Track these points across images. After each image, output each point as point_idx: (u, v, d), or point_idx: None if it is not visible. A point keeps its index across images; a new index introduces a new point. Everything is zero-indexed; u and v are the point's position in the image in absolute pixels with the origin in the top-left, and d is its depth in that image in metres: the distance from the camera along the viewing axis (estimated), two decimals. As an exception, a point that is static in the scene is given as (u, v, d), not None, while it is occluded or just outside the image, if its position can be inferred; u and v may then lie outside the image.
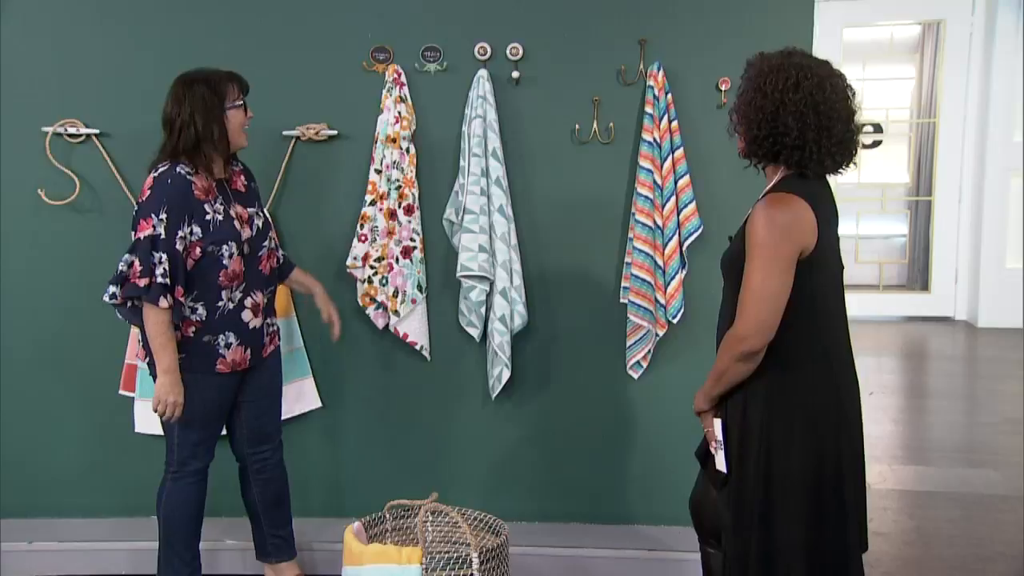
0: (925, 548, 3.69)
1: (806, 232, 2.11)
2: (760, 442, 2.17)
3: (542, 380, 3.52)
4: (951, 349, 7.76)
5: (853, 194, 8.80)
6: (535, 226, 3.45)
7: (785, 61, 2.16)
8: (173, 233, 2.68)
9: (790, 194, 2.13)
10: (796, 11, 3.30)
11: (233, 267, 2.80)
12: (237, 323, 2.86)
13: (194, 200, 2.73)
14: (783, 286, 2.09)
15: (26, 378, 3.55)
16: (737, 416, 2.23)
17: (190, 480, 2.94)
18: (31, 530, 3.47)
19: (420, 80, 3.41)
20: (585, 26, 3.36)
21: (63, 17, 3.43)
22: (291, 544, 3.24)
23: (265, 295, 2.96)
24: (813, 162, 2.15)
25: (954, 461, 4.79)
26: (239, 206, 2.86)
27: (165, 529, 2.95)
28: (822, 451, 2.17)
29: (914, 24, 8.64)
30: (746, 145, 2.23)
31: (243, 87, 2.88)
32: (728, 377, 2.19)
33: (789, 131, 2.12)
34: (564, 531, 3.49)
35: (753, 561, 2.19)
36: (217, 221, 2.77)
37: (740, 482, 2.22)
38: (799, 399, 2.17)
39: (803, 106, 2.11)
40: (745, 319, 2.10)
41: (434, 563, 2.59)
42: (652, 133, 3.29)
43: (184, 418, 2.83)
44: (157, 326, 2.70)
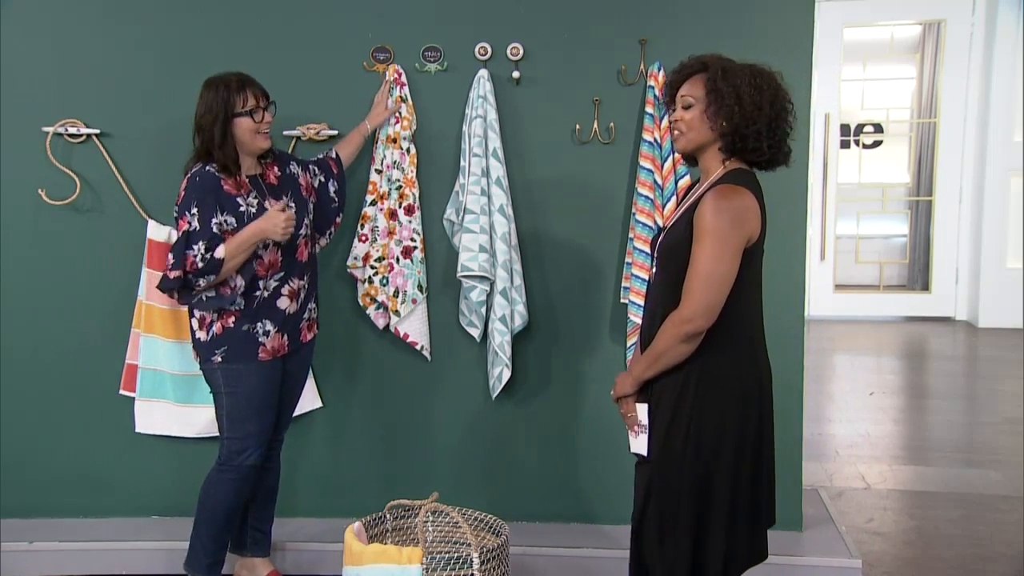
0: (925, 548, 3.69)
1: (753, 223, 2.22)
2: (689, 426, 2.26)
3: (543, 380, 3.52)
4: (951, 349, 7.77)
5: (853, 194, 8.82)
6: (535, 226, 3.45)
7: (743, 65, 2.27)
8: (207, 221, 2.77)
9: (739, 186, 2.22)
10: (796, 11, 3.30)
11: (269, 257, 2.88)
12: (273, 310, 2.92)
13: (224, 194, 2.82)
14: (731, 271, 2.19)
15: (26, 378, 3.55)
16: (669, 400, 2.29)
17: (232, 476, 2.97)
18: (31, 530, 3.47)
19: (421, 80, 3.41)
20: (585, 26, 3.37)
21: (63, 17, 3.43)
22: (268, 542, 3.26)
23: (303, 281, 3.01)
24: (765, 155, 2.27)
25: (954, 461, 4.79)
26: (272, 199, 2.91)
27: (199, 515, 3.02)
28: (746, 431, 2.29)
29: (915, 24, 8.65)
30: (737, 139, 2.26)
31: (257, 93, 2.89)
32: (666, 359, 2.26)
33: (779, 125, 2.26)
34: (564, 531, 3.49)
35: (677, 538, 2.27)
36: (251, 214, 2.84)
37: (666, 463, 2.29)
38: (729, 384, 2.28)
39: (774, 102, 2.24)
40: (693, 301, 2.19)
41: (434, 563, 2.59)
42: (653, 133, 3.29)
43: (230, 410, 2.91)
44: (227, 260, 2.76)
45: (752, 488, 2.31)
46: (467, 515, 2.91)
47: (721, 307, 2.20)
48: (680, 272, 2.23)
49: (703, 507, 2.27)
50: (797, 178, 3.29)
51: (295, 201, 2.97)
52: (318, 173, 3.16)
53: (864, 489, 4.36)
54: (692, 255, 2.20)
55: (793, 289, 3.37)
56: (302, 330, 3.05)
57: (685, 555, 2.27)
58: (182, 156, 3.19)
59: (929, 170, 8.62)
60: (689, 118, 2.30)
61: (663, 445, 2.30)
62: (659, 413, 2.31)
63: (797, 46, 3.28)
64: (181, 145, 3.25)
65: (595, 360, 3.50)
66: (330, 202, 3.18)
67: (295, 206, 2.94)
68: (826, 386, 6.42)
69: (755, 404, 2.30)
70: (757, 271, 2.30)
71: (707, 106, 2.26)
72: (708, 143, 2.30)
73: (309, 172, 3.12)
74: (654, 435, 2.32)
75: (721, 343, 2.24)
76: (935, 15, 8.27)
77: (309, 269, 3.06)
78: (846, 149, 8.77)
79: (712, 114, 2.26)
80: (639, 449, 2.37)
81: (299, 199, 3.00)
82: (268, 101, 2.91)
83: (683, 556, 2.27)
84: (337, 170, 3.21)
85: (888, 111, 8.91)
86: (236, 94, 2.84)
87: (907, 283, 9.15)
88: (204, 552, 3.02)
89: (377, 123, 3.34)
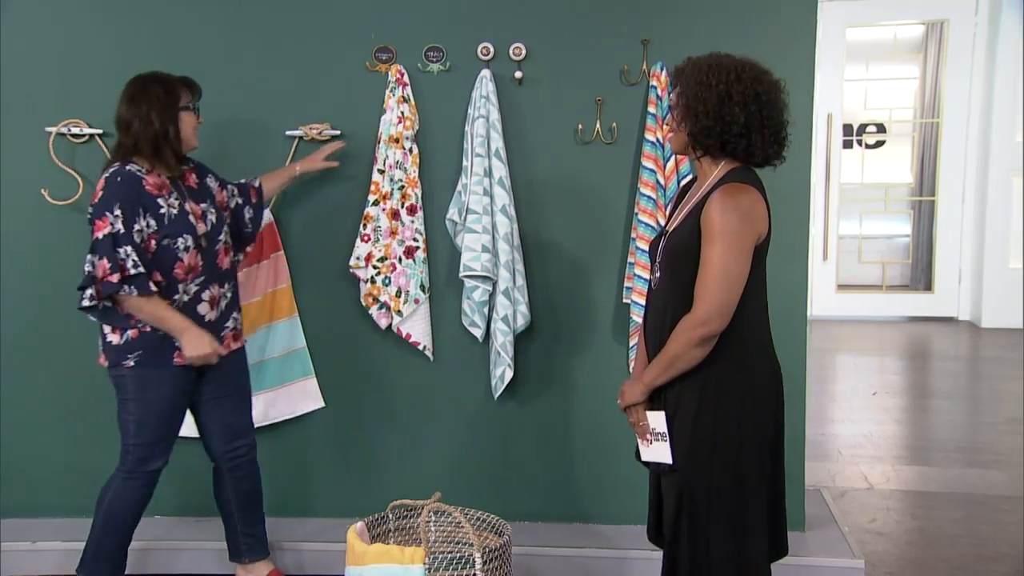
0: (928, 548, 3.69)
1: (761, 220, 2.21)
2: (715, 429, 2.24)
3: (545, 380, 3.52)
4: (954, 349, 7.76)
5: (856, 194, 8.81)
6: (538, 226, 3.45)
7: (723, 59, 2.25)
8: (130, 227, 2.74)
9: (745, 184, 2.21)
10: (799, 11, 3.30)
11: (189, 260, 2.84)
12: (193, 316, 2.88)
13: (146, 194, 2.78)
14: (743, 270, 2.17)
15: (29, 377, 3.56)
16: (689, 405, 2.25)
17: (140, 483, 2.94)
18: (34, 530, 3.48)
19: (423, 80, 3.41)
20: (588, 26, 3.36)
21: (66, 17, 3.44)
22: (264, 543, 3.24)
23: (223, 289, 2.99)
24: (758, 150, 2.23)
25: (957, 461, 4.78)
26: (192, 202, 2.90)
27: (103, 527, 2.95)
28: (765, 430, 2.28)
29: (917, 24, 8.64)
30: (691, 138, 2.27)
31: (195, 92, 2.92)
32: (680, 364, 2.23)
33: (736, 119, 2.19)
34: (567, 531, 3.48)
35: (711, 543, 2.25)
36: (172, 215, 2.81)
37: (693, 471, 2.27)
38: (748, 385, 2.26)
39: (746, 96, 2.19)
40: (707, 302, 2.16)
41: (437, 563, 2.59)
42: (655, 133, 3.29)
43: (139, 416, 2.86)
44: (153, 308, 2.77)
45: (775, 485, 2.33)
46: (469, 515, 2.91)
47: (734, 308, 2.17)
48: (688, 275, 2.20)
49: (738, 509, 2.25)
50: (799, 178, 3.29)
51: (214, 209, 2.96)
52: (236, 195, 3.14)
53: (867, 489, 4.36)
54: (703, 256, 2.17)
55: (796, 289, 3.36)
56: (224, 338, 3.00)
57: (727, 558, 2.24)
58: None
59: (932, 170, 8.61)
60: (670, 120, 2.34)
61: (689, 453, 2.26)
62: (678, 420, 2.27)
63: (799, 46, 3.28)
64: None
65: (597, 360, 3.49)
66: (243, 227, 3.17)
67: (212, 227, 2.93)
68: (829, 386, 6.42)
69: (771, 404, 2.30)
70: (763, 270, 2.28)
71: (674, 108, 2.30)
72: (683, 145, 2.32)
73: (227, 191, 3.11)
74: (677, 443, 2.28)
75: (734, 345, 2.22)
76: (938, 15, 8.26)
77: (230, 279, 3.03)
78: (848, 149, 8.76)
79: (677, 115, 2.29)
80: (656, 457, 2.33)
81: (218, 210, 2.99)
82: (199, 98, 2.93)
83: (725, 559, 2.24)
84: (256, 199, 3.20)
85: (891, 111, 8.89)
86: (180, 89, 2.86)
87: (910, 283, 9.14)
88: (107, 559, 2.96)
89: (307, 169, 3.31)
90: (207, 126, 3.40)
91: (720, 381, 2.23)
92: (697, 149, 2.28)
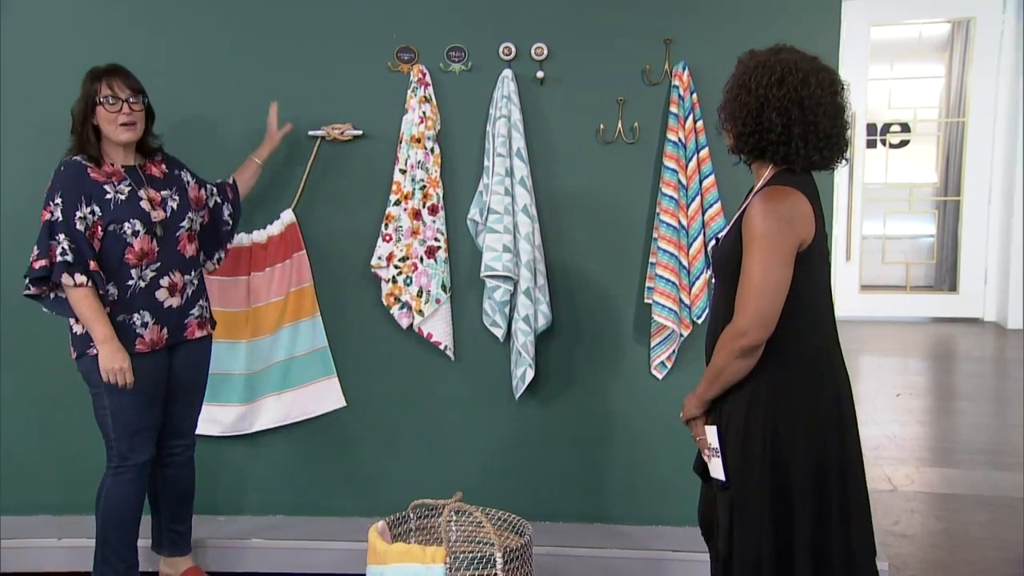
0: (952, 551, 3.66)
1: (805, 225, 2.11)
2: (764, 445, 2.14)
3: (566, 380, 3.52)
4: (979, 350, 7.69)
5: (880, 194, 8.75)
6: (559, 226, 3.45)
7: (772, 57, 2.15)
8: (71, 214, 2.77)
9: (787, 187, 2.13)
10: (822, 10, 3.28)
11: (140, 246, 2.86)
12: (151, 301, 2.90)
13: (90, 182, 2.82)
14: (784, 278, 2.08)
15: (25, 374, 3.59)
16: (738, 420, 2.18)
17: (130, 476, 2.95)
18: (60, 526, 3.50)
19: (445, 80, 3.41)
20: (610, 26, 3.36)
21: (88, 19, 3.47)
22: (187, 540, 3.25)
23: (187, 276, 3.00)
24: (800, 157, 2.15)
25: (982, 464, 4.74)
26: (152, 190, 2.93)
27: (103, 526, 2.97)
28: (825, 452, 2.16)
29: (943, 22, 8.57)
30: (733, 142, 2.22)
31: (117, 85, 2.87)
32: (726, 376, 2.16)
33: (773, 127, 2.11)
34: (588, 532, 3.48)
35: (762, 565, 2.16)
36: (119, 200, 2.84)
37: (743, 487, 2.19)
38: (801, 399, 2.15)
39: (787, 101, 2.10)
40: (746, 312, 2.08)
41: (458, 563, 2.59)
42: (677, 133, 3.28)
43: (114, 409, 2.88)
44: (80, 302, 2.78)
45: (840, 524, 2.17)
46: (490, 515, 2.91)
47: (776, 317, 2.08)
48: (734, 282, 2.13)
49: (785, 538, 2.15)
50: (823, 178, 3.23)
51: (178, 197, 2.98)
52: (215, 194, 3.18)
53: (890, 491, 4.33)
54: (743, 264, 2.09)
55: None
56: (188, 325, 3.01)
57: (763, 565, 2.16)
58: (195, 156, 3.23)
59: (957, 170, 8.54)
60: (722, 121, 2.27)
61: (739, 467, 2.18)
62: (730, 435, 2.20)
63: (823, 45, 3.24)
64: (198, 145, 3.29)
65: (619, 360, 3.49)
66: (223, 224, 3.21)
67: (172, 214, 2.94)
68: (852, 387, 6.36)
69: (833, 430, 2.16)
70: (818, 275, 2.18)
71: (721, 109, 2.25)
72: (732, 148, 2.26)
73: (206, 190, 3.14)
74: (728, 457, 2.20)
75: (785, 356, 2.14)
76: (964, 13, 8.18)
77: (195, 267, 3.05)
78: (872, 149, 8.70)
79: (723, 116, 2.24)
80: (715, 474, 2.24)
81: (183, 199, 3.00)
82: (133, 93, 2.88)
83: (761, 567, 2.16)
84: (233, 195, 3.24)
85: (916, 110, 8.82)
86: (96, 82, 2.87)
87: (934, 284, 9.07)
88: (119, 559, 2.98)
89: (264, 156, 3.32)
90: (231, 126, 3.46)
91: (769, 394, 2.14)
92: (741, 153, 2.23)
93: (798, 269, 2.10)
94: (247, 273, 3.47)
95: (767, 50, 2.19)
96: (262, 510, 3.61)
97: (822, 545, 2.16)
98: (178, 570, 3.23)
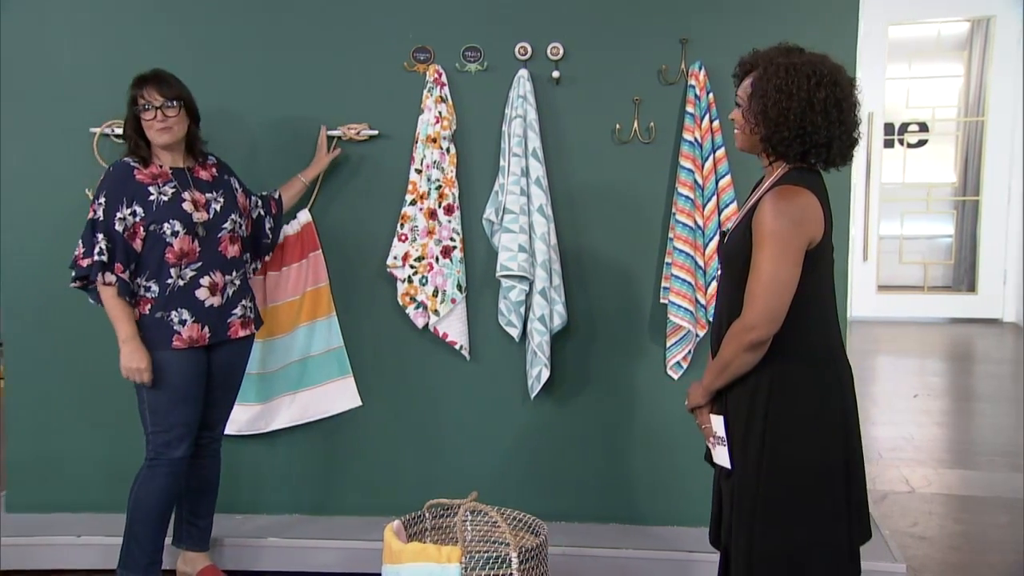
0: (972, 553, 3.64)
1: (815, 224, 2.14)
2: (764, 437, 2.19)
3: (581, 380, 3.52)
4: (998, 351, 7.64)
5: (897, 194, 8.71)
6: (575, 226, 3.45)
7: (798, 61, 2.16)
8: (111, 215, 2.88)
9: (799, 186, 2.15)
10: (840, 9, 3.28)
11: (180, 246, 2.93)
12: (191, 300, 2.96)
13: (135, 183, 2.92)
14: (793, 276, 2.12)
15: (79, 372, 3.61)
16: (742, 410, 2.23)
17: (164, 471, 2.99)
18: (80, 524, 3.53)
19: (461, 80, 3.42)
20: (626, 26, 3.36)
21: (111, 19, 3.49)
22: (206, 536, 3.28)
23: (229, 277, 3.05)
24: (838, 157, 2.19)
25: (1001, 465, 4.71)
26: (197, 192, 3.00)
27: (132, 517, 3.02)
28: (826, 447, 2.20)
29: (962, 21, 8.52)
30: (766, 144, 2.21)
31: (151, 93, 2.93)
32: (732, 369, 2.20)
33: (818, 129, 2.13)
34: (603, 532, 3.48)
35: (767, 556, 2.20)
36: (161, 201, 2.92)
37: (744, 476, 2.23)
38: (804, 394, 2.19)
39: (828, 103, 2.13)
40: (754, 307, 2.12)
41: (473, 562, 2.59)
42: (693, 133, 3.28)
43: (151, 403, 2.95)
44: (107, 301, 2.90)
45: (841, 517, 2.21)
46: (506, 514, 2.91)
47: (784, 314, 2.12)
48: (741, 277, 2.17)
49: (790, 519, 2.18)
50: (840, 178, 3.23)
51: (223, 200, 3.04)
52: (259, 206, 3.25)
53: (908, 493, 4.31)
54: (753, 260, 2.13)
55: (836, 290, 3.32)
56: (231, 325, 3.07)
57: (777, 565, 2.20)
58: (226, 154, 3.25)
59: (976, 169, 8.49)
60: (739, 119, 2.27)
61: (742, 457, 2.23)
62: (734, 424, 2.25)
63: (840, 44, 3.23)
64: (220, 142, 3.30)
65: (634, 360, 3.49)
66: (263, 237, 3.28)
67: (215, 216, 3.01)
68: (869, 388, 6.35)
69: (835, 425, 2.20)
70: (826, 274, 2.22)
71: (747, 110, 2.23)
72: (753, 146, 2.26)
73: (251, 201, 3.22)
74: (733, 446, 2.26)
75: (791, 351, 2.17)
76: (983, 12, 8.14)
77: (236, 267, 3.09)
78: (890, 148, 8.66)
79: (751, 118, 2.22)
80: (721, 461, 2.30)
81: (228, 201, 3.06)
82: (166, 100, 2.93)
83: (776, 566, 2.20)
84: (276, 210, 3.31)
85: (934, 110, 8.78)
86: (134, 90, 2.95)
87: (952, 284, 9.02)
88: (142, 552, 3.02)
89: (312, 176, 3.40)
90: (249, 125, 3.48)
91: (773, 387, 2.19)
92: (771, 155, 2.23)
93: (805, 267, 2.14)
94: (263, 272, 3.49)
95: (779, 52, 2.21)
96: (278, 509, 3.63)
97: (828, 540, 2.21)
98: (195, 568, 3.25)
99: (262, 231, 3.27)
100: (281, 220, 3.35)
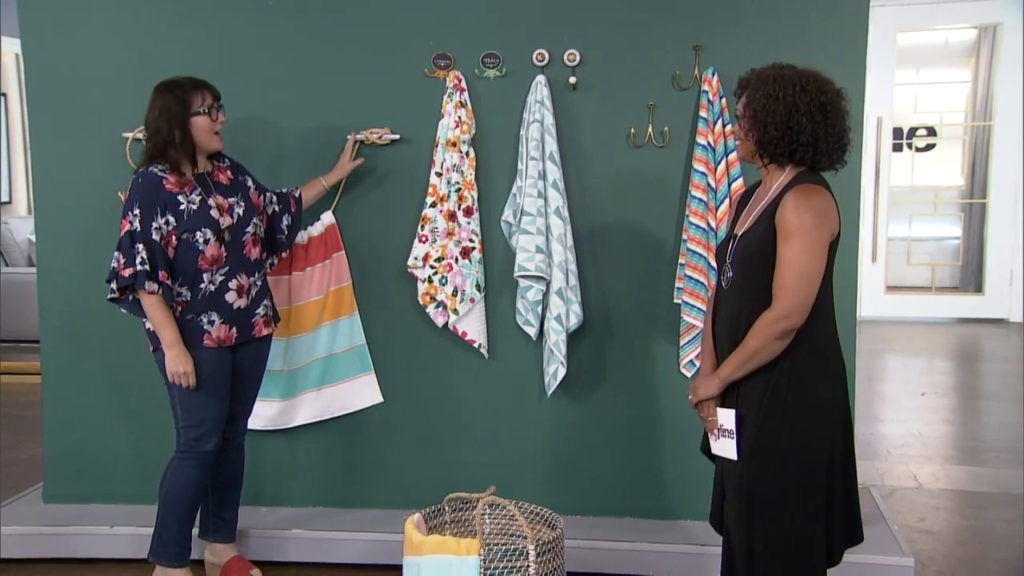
0: (979, 548, 3.69)
1: (834, 219, 2.29)
2: (786, 420, 2.29)
3: (597, 378, 3.58)
4: (1005, 351, 7.67)
5: (906, 197, 8.76)
6: (591, 227, 3.51)
7: (786, 71, 2.33)
8: (148, 225, 2.91)
9: (817, 185, 2.29)
10: (850, 16, 3.33)
11: (211, 252, 2.99)
12: (220, 304, 3.04)
13: (166, 193, 2.95)
14: (820, 268, 2.26)
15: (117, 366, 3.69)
16: (759, 398, 2.32)
17: (193, 462, 3.08)
18: (112, 515, 3.61)
19: (480, 85, 3.49)
20: (641, 33, 3.42)
21: (143, 26, 3.58)
22: (232, 528, 3.35)
23: (253, 278, 3.13)
24: (824, 157, 2.32)
25: (1008, 462, 4.75)
26: (220, 196, 3.05)
27: (163, 507, 3.11)
28: (834, 438, 2.33)
29: (969, 28, 8.56)
30: (759, 147, 2.35)
31: (212, 94, 3.03)
32: (760, 358, 2.29)
33: (803, 129, 2.28)
34: (619, 526, 3.53)
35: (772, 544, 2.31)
36: (191, 210, 2.97)
37: (756, 465, 2.33)
38: (819, 378, 2.32)
39: (812, 107, 2.28)
40: (788, 298, 2.23)
41: (492, 555, 2.62)
42: (706, 137, 3.34)
43: (182, 399, 3.03)
44: (151, 308, 2.94)
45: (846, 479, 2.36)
46: (523, 508, 2.93)
47: (812, 303, 2.24)
48: (763, 274, 2.28)
49: (798, 505, 2.30)
50: (849, 180, 3.30)
51: (243, 203, 3.10)
52: (275, 202, 3.30)
53: (916, 488, 4.36)
54: (780, 255, 2.25)
55: (845, 290, 3.38)
56: (256, 324, 3.16)
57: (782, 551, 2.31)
58: (251, 158, 3.33)
59: (983, 172, 8.53)
60: (738, 131, 2.42)
61: (755, 445, 2.32)
62: (748, 413, 2.34)
63: (850, 51, 3.31)
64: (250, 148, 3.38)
65: (648, 359, 3.55)
66: (279, 233, 3.33)
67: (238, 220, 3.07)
68: (878, 386, 6.40)
69: (841, 417, 2.34)
70: (832, 269, 2.34)
71: (742, 118, 2.38)
72: (749, 153, 2.41)
73: (265, 197, 3.27)
74: (745, 435, 2.34)
75: (806, 342, 2.28)
76: (991, 19, 8.18)
77: (259, 269, 3.17)
78: (898, 152, 8.71)
79: (745, 125, 2.37)
80: (723, 452, 2.40)
81: (248, 204, 3.13)
82: (217, 103, 3.03)
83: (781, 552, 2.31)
84: (295, 208, 3.36)
85: (941, 114, 8.83)
86: (191, 94, 2.98)
87: (959, 285, 9.06)
88: (172, 541, 3.11)
89: (333, 181, 3.46)
90: (274, 129, 3.54)
91: (792, 376, 2.29)
92: (764, 157, 2.36)
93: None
94: (288, 272, 3.56)
95: (772, 68, 2.37)
96: (303, 502, 3.70)
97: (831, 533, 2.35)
98: (222, 559, 3.32)
99: (278, 227, 3.32)
100: (299, 218, 3.39)
